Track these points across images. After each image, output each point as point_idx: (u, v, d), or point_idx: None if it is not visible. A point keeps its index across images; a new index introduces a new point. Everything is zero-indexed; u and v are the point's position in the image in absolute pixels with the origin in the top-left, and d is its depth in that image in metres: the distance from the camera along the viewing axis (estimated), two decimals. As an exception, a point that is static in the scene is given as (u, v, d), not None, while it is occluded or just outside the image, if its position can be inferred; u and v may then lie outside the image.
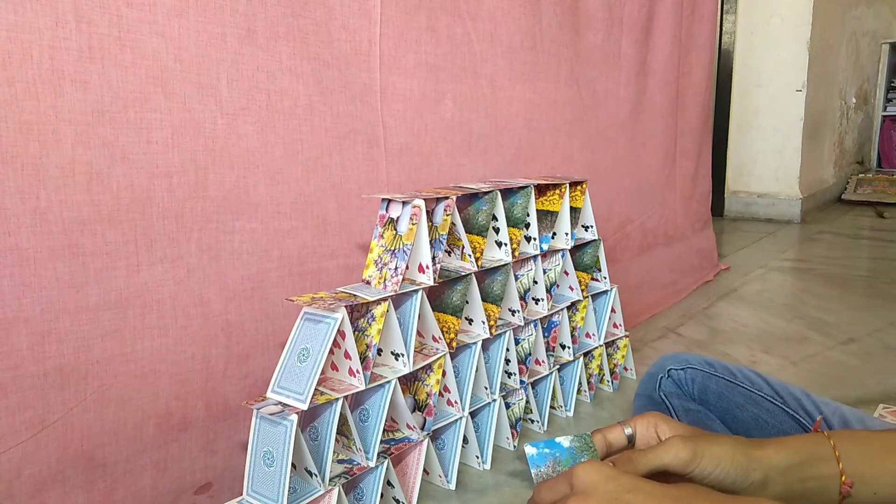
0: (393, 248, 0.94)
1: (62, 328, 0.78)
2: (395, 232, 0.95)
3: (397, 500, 0.98)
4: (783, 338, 1.75)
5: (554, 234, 1.24)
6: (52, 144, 0.75)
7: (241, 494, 0.81)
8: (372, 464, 0.90)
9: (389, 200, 0.97)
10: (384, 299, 0.90)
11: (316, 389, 0.80)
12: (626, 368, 1.49)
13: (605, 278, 1.37)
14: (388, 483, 0.95)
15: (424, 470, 1.00)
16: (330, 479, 0.85)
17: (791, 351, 1.64)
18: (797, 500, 0.55)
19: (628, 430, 0.60)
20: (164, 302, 0.87)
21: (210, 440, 0.94)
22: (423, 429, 0.99)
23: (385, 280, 0.92)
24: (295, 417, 0.77)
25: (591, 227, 1.33)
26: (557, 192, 1.23)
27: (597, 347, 1.37)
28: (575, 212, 1.28)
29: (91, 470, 0.83)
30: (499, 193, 1.08)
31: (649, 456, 0.54)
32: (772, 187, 3.70)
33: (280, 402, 0.80)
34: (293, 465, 0.79)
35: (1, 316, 0.73)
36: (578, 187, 1.29)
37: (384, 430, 0.91)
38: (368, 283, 0.94)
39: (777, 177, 3.67)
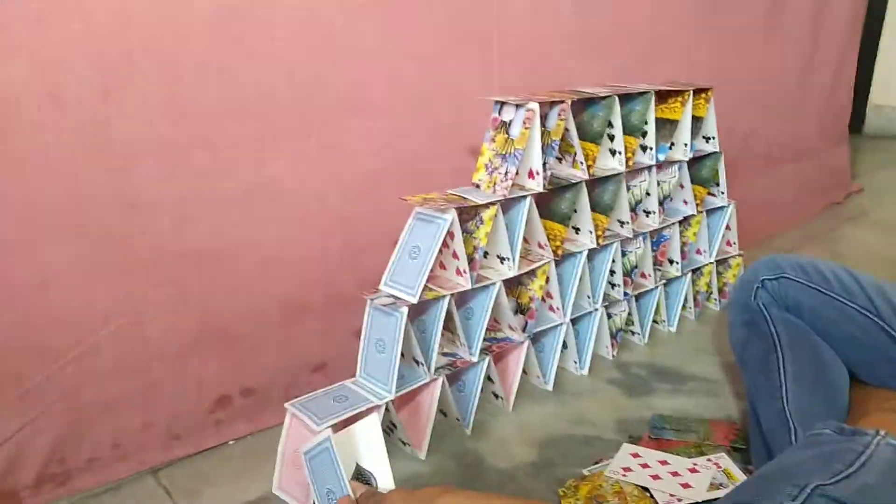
0: (504, 153, 0.93)
1: (198, 214, 0.85)
2: (506, 136, 0.94)
3: (496, 395, 1.03)
4: (915, 267, 1.62)
5: (672, 144, 1.19)
6: (186, 41, 0.79)
7: (354, 376, 0.88)
8: (475, 359, 0.94)
9: (503, 103, 0.95)
10: (493, 203, 0.91)
11: (425, 286, 0.84)
12: (735, 286, 1.44)
13: (722, 193, 1.31)
14: (489, 378, 1.00)
15: (523, 370, 1.04)
16: (435, 370, 0.90)
17: (924, 282, 1.52)
18: None
19: None
20: (287, 195, 0.92)
21: (326, 325, 1.01)
22: (524, 331, 1.02)
23: (495, 184, 0.93)
24: (405, 310, 0.81)
25: (713, 138, 1.26)
26: (680, 99, 1.16)
27: (707, 265, 1.33)
28: (697, 121, 1.21)
29: (223, 342, 0.92)
30: (616, 99, 1.03)
31: None
32: (924, 102, 3.30)
33: (392, 295, 0.85)
34: (402, 354, 0.84)
35: (146, 200, 0.80)
36: (703, 95, 1.22)
37: (487, 329, 0.95)
38: (478, 186, 0.95)
39: (931, 90, 3.26)
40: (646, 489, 0.82)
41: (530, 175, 0.96)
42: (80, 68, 0.73)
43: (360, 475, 0.66)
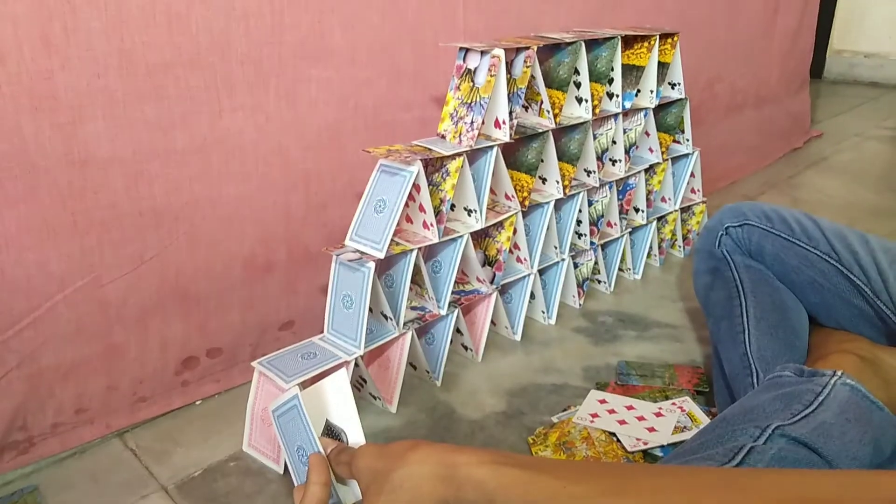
0: (469, 102, 0.91)
1: (153, 170, 0.81)
2: (472, 84, 0.92)
3: (466, 347, 1.04)
4: (871, 210, 1.66)
5: (638, 91, 1.18)
6: (132, -17, 0.74)
7: (322, 333, 0.87)
8: (443, 312, 0.94)
9: (467, 50, 0.93)
10: (459, 154, 0.89)
11: (392, 240, 0.83)
12: (699, 234, 1.46)
13: (687, 141, 1.31)
14: (458, 330, 1.00)
15: (492, 321, 1.04)
16: (404, 324, 0.89)
17: (878, 225, 1.56)
18: None
19: None
20: (245, 148, 0.88)
21: (292, 282, 0.99)
22: (492, 283, 1.02)
23: (460, 134, 0.91)
24: (372, 265, 0.80)
25: (679, 84, 1.25)
26: (646, 44, 1.15)
27: (672, 212, 1.34)
28: (662, 67, 1.20)
29: (186, 303, 0.90)
30: (583, 45, 1.01)
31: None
32: (882, 46, 3.34)
33: (358, 250, 0.83)
34: (370, 309, 0.83)
35: (98, 156, 0.77)
36: (669, 40, 1.20)
37: (455, 281, 0.94)
38: (443, 137, 0.93)
39: (891, 34, 3.30)
40: (613, 434, 0.84)
41: (496, 124, 0.94)
42: (17, 16, 0.68)
43: (331, 431, 0.66)
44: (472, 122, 0.90)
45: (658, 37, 1.15)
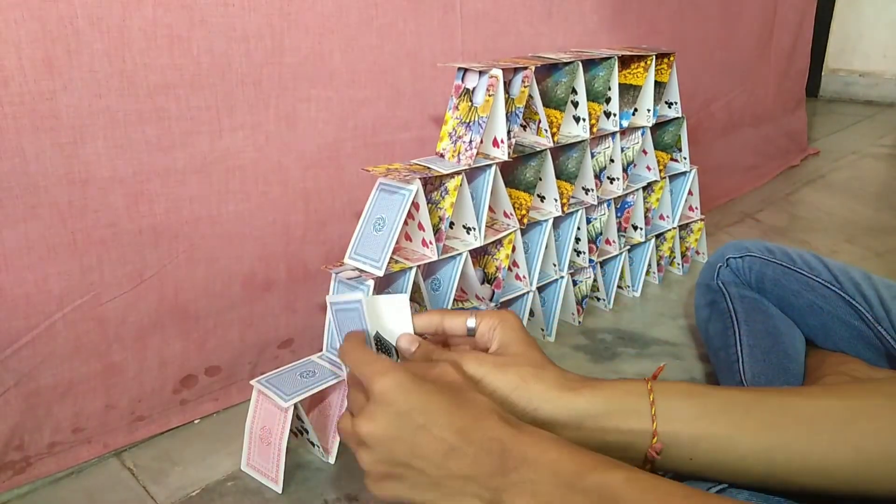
0: (468, 121, 0.92)
1: (153, 189, 0.82)
2: (470, 103, 0.92)
3: (465, 365, 1.03)
4: (869, 227, 1.66)
5: (636, 110, 1.19)
6: (134, 6, 0.75)
7: (321, 351, 0.87)
8: (442, 330, 0.94)
9: (466, 70, 0.94)
10: (458, 173, 0.90)
11: (391, 258, 0.83)
12: (698, 252, 1.46)
13: (685, 159, 1.32)
14: (457, 349, 1.00)
15: (491, 339, 1.04)
16: (403, 342, 0.89)
17: (877, 242, 1.56)
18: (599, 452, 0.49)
19: (471, 323, 0.57)
20: (245, 168, 0.89)
21: (291, 300, 0.99)
22: (491, 300, 1.02)
23: (459, 153, 0.92)
24: (371, 283, 0.80)
25: (676, 103, 1.26)
26: (642, 64, 1.16)
27: (670, 230, 1.34)
28: (659, 86, 1.21)
29: (185, 321, 0.90)
30: (580, 65, 1.02)
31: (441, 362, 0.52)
32: (877, 65, 3.37)
33: (357, 268, 0.84)
34: (369, 327, 0.83)
35: (98, 175, 0.77)
36: (665, 60, 1.21)
37: (454, 299, 0.94)
38: (442, 155, 0.94)
39: (885, 53, 3.33)
40: (613, 452, 0.84)
41: (495, 143, 0.95)
42: (21, 39, 0.69)
43: (380, 344, 0.63)
44: (470, 141, 0.91)
45: (654, 57, 1.16)
